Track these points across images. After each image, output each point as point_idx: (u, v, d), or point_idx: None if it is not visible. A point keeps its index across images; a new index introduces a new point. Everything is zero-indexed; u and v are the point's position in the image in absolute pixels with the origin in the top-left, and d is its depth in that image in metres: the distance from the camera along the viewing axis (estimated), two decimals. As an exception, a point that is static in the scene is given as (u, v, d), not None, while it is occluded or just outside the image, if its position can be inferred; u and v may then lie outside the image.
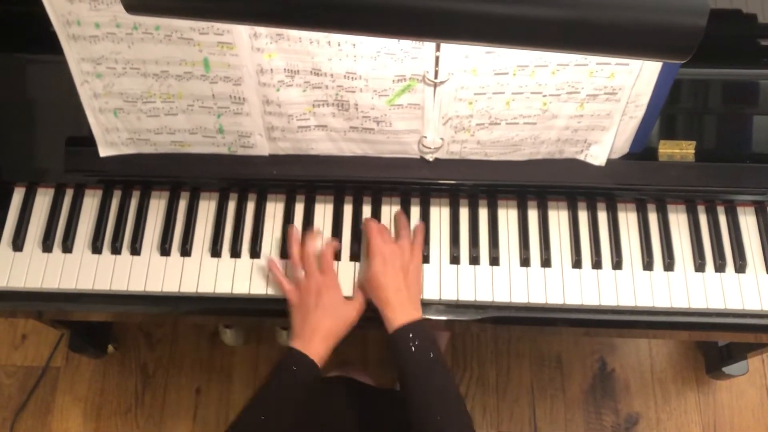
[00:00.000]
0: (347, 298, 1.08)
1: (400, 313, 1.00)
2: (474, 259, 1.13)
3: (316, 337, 1.00)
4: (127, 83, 1.01)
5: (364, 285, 1.07)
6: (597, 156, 1.08)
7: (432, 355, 0.98)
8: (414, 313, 1.01)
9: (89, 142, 1.09)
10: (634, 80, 0.98)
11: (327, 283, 1.05)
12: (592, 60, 0.95)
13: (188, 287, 1.12)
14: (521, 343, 1.86)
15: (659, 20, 0.54)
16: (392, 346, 0.99)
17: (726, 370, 1.72)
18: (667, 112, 1.08)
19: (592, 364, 1.84)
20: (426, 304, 1.12)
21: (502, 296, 1.11)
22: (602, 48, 0.57)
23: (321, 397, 1.21)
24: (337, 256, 1.13)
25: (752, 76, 1.09)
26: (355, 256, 1.13)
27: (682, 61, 0.56)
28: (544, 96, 1.00)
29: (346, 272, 1.12)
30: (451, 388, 0.98)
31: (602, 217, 1.16)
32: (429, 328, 1.01)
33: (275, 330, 1.77)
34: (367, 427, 1.13)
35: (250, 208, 1.16)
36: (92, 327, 1.75)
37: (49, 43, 0.98)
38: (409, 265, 1.06)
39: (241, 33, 0.94)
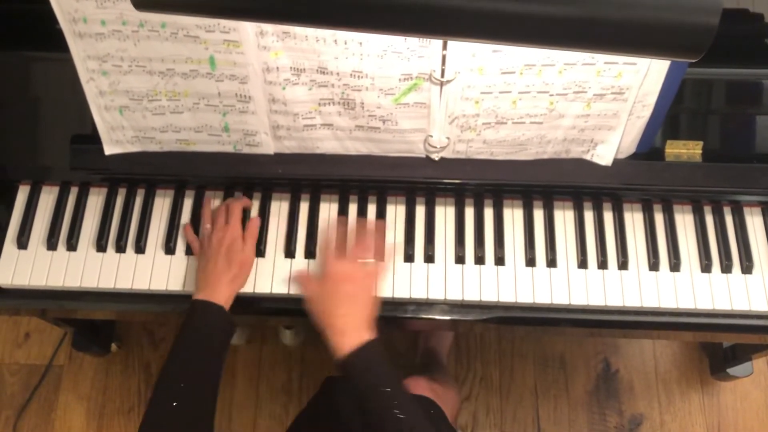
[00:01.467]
0: None
1: (348, 339, 0.95)
2: (479, 259, 1.12)
3: (221, 284, 1.02)
4: (133, 81, 1.01)
5: (310, 302, 1.03)
6: (603, 156, 1.08)
7: (388, 375, 0.94)
8: (364, 335, 0.96)
9: (94, 140, 1.09)
10: (641, 80, 0.98)
11: (230, 234, 1.07)
12: (600, 59, 0.95)
13: (193, 286, 1.11)
14: (525, 343, 1.85)
15: (672, 18, 0.54)
16: (344, 371, 0.95)
17: (730, 371, 1.71)
18: (674, 112, 1.08)
19: (595, 364, 1.83)
20: (431, 304, 1.12)
21: (507, 296, 1.11)
22: (614, 46, 0.57)
23: (321, 397, 1.21)
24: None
25: (759, 76, 1.09)
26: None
27: (694, 60, 0.55)
28: (551, 95, 1.00)
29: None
30: (407, 405, 0.93)
31: (608, 217, 1.15)
32: (380, 350, 0.97)
33: (278, 329, 1.77)
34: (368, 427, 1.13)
35: (255, 206, 1.16)
36: (96, 325, 1.75)
37: (55, 41, 0.98)
38: (367, 290, 1.03)
39: (247, 31, 0.94)
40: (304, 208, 1.16)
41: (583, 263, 1.12)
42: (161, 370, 0.96)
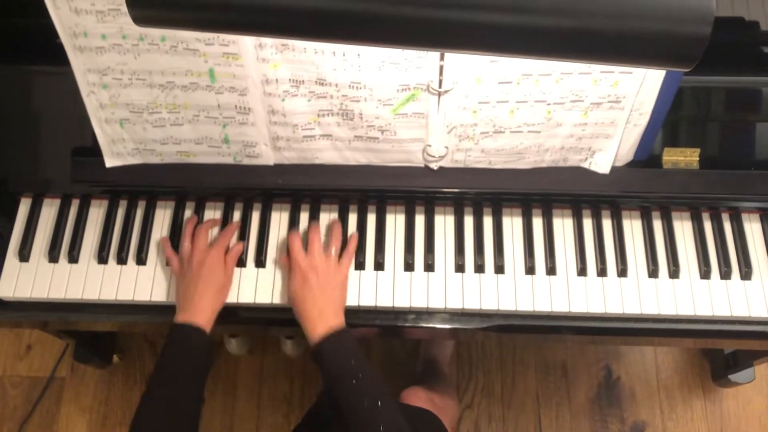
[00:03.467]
0: None
1: (319, 326, 1.00)
2: (479, 268, 1.13)
3: (201, 306, 1.03)
4: (133, 94, 1.02)
5: (289, 297, 1.08)
6: (601, 164, 1.09)
7: (353, 362, 0.97)
8: (333, 322, 1.01)
9: (95, 152, 1.09)
10: (637, 88, 0.99)
11: (211, 256, 1.07)
12: (596, 68, 0.96)
13: (193, 297, 1.12)
14: (526, 351, 1.85)
15: (664, 29, 0.55)
16: (315, 358, 1.00)
17: (732, 377, 1.71)
18: (671, 120, 1.09)
19: (597, 372, 1.83)
20: (431, 313, 1.12)
21: (507, 304, 1.11)
22: (607, 57, 0.57)
23: (321, 407, 1.21)
24: (360, 266, 1.13)
25: (755, 83, 1.09)
26: (360, 266, 1.13)
27: (687, 70, 0.56)
28: (548, 104, 1.00)
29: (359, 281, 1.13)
30: (376, 394, 0.95)
31: (607, 224, 1.16)
32: (347, 337, 1.01)
33: (280, 339, 1.78)
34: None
35: (255, 217, 1.17)
36: (97, 337, 1.75)
37: (55, 55, 0.99)
38: (330, 281, 1.06)
39: (246, 44, 0.95)
40: (304, 218, 1.16)
41: (582, 271, 1.13)
42: (144, 392, 0.96)
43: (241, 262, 1.13)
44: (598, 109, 1.01)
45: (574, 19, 0.55)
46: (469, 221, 1.16)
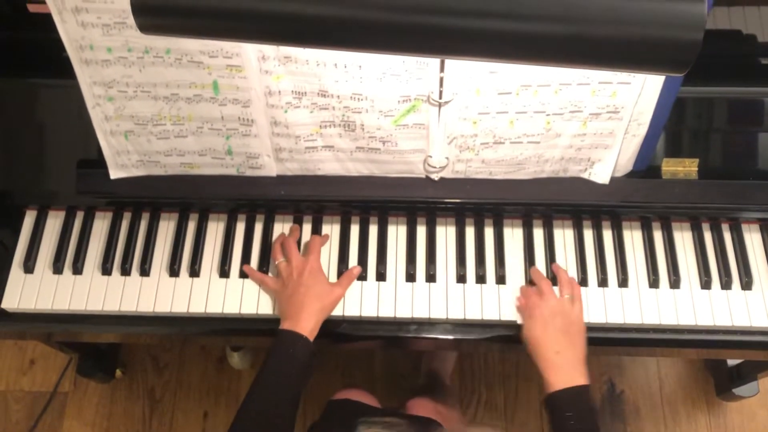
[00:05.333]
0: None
1: (561, 377, 0.98)
2: (480, 278, 1.13)
3: (304, 314, 1.03)
4: (138, 106, 1.03)
5: (525, 343, 1.07)
6: (601, 174, 1.09)
7: (588, 428, 0.96)
8: (577, 378, 0.99)
9: (100, 164, 1.11)
10: (636, 98, 1.00)
11: (309, 264, 1.08)
12: (594, 79, 0.97)
13: (197, 308, 1.13)
14: (529, 365, 1.84)
15: (657, 35, 0.56)
16: (547, 409, 0.99)
17: (736, 391, 1.71)
18: (670, 130, 1.10)
19: (600, 386, 1.82)
20: (433, 324, 1.13)
21: (509, 315, 1.11)
22: (602, 62, 0.58)
23: (323, 422, 1.21)
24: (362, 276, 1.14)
25: (753, 94, 1.11)
26: (362, 276, 1.13)
27: (681, 74, 0.57)
28: (548, 115, 1.01)
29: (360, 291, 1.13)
30: None
31: (607, 235, 1.16)
32: (589, 397, 0.98)
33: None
34: None
35: (258, 228, 1.18)
36: (100, 351, 1.76)
37: (61, 68, 1.00)
38: (572, 323, 1.05)
39: (249, 56, 0.96)
40: (306, 229, 1.17)
41: (583, 281, 1.13)
42: (246, 393, 0.98)
43: (244, 274, 1.14)
44: (597, 119, 1.02)
45: (568, 25, 0.56)
46: (470, 232, 1.17)
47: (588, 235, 1.16)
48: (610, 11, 0.56)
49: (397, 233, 1.17)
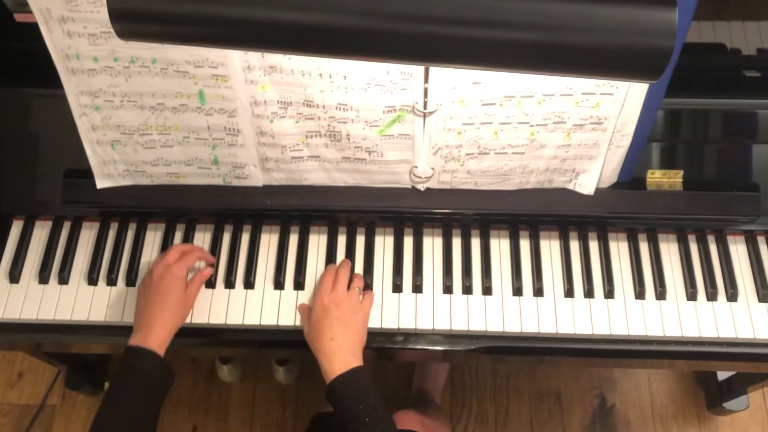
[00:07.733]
0: None
1: (336, 363, 1.00)
2: (467, 289, 1.13)
3: (155, 323, 1.02)
4: (125, 116, 1.03)
5: (306, 328, 1.08)
6: (586, 185, 1.10)
7: (369, 402, 0.97)
8: (352, 362, 1.00)
9: (87, 174, 1.11)
10: (619, 110, 1.00)
11: (172, 271, 1.06)
12: (577, 90, 0.98)
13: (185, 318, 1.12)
14: (520, 379, 1.84)
15: (630, 43, 0.56)
16: (329, 396, 0.99)
17: (727, 405, 1.70)
18: (654, 142, 1.10)
19: (591, 399, 1.82)
20: (420, 335, 1.13)
21: (494, 326, 1.11)
22: (577, 69, 0.59)
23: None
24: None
25: (737, 106, 1.11)
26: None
27: (654, 81, 0.58)
28: (532, 126, 1.02)
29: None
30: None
31: (593, 246, 1.17)
32: (364, 377, 1.00)
33: (272, 366, 1.77)
34: None
35: (245, 239, 1.18)
36: (89, 364, 1.75)
37: (47, 78, 1.01)
38: (352, 318, 1.06)
39: (235, 66, 0.97)
40: (293, 239, 1.17)
41: (569, 292, 1.13)
42: (94, 418, 0.96)
43: (230, 284, 1.14)
44: (581, 130, 1.03)
45: (543, 32, 0.57)
46: (457, 243, 1.17)
47: (574, 246, 1.17)
48: (583, 19, 0.57)
49: (384, 244, 1.17)
